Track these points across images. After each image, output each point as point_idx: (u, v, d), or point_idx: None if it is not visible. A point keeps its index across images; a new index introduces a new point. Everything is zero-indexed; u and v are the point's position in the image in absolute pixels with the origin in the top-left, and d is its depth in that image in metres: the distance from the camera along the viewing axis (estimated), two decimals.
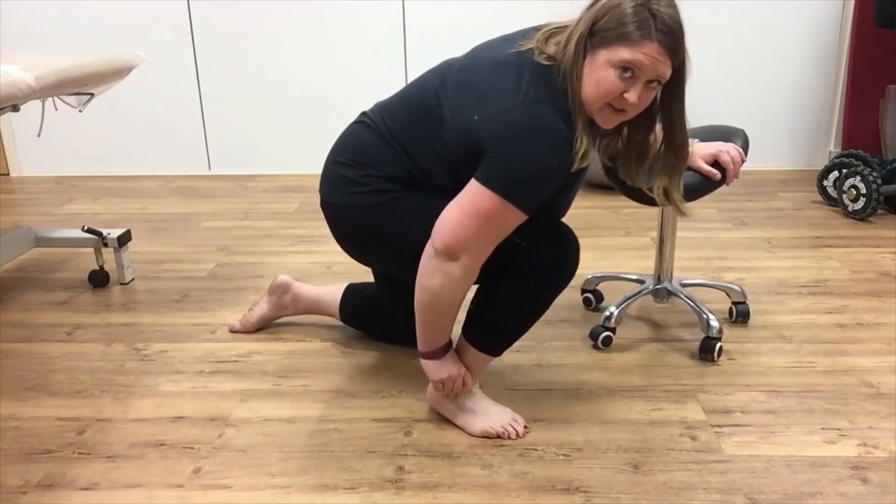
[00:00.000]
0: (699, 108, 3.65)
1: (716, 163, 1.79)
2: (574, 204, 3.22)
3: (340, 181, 1.61)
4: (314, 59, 3.72)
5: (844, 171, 3.02)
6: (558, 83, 1.40)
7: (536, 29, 1.49)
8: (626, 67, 1.35)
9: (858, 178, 2.94)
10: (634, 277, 2.20)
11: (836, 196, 3.11)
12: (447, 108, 1.47)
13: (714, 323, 1.92)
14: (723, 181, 1.79)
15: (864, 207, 2.94)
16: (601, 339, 1.97)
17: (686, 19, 1.39)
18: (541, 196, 1.40)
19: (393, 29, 3.65)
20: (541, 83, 1.39)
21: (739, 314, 2.14)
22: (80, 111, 2.34)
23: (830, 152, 3.73)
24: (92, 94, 2.28)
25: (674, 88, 1.45)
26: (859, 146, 3.52)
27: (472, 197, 1.38)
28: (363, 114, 1.66)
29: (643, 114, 1.47)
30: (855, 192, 2.96)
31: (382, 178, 1.56)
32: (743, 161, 1.80)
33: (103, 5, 3.66)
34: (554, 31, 1.45)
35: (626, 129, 1.56)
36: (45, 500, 1.43)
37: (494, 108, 1.39)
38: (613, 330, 1.98)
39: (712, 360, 1.92)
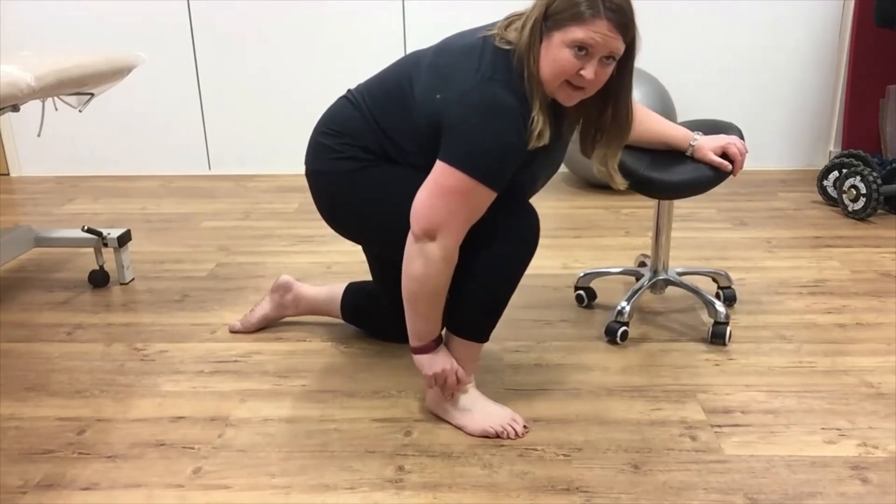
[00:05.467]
0: (699, 107, 3.66)
1: (723, 154, 1.86)
2: (574, 204, 3.25)
3: (319, 149, 1.70)
4: (314, 58, 3.72)
5: (844, 171, 3.02)
6: (515, 65, 1.46)
7: (505, 18, 1.55)
8: (580, 46, 1.41)
9: (858, 178, 2.94)
10: (619, 271, 2.28)
11: (836, 196, 3.11)
12: (418, 90, 1.55)
13: (721, 308, 1.98)
14: (731, 172, 1.86)
15: (864, 207, 2.94)
16: (619, 334, 1.99)
17: (686, 20, 1.41)
18: (502, 171, 1.46)
19: (393, 29, 3.65)
20: (499, 65, 1.46)
21: (727, 298, 2.22)
22: (80, 111, 2.34)
23: (830, 152, 3.73)
24: (92, 94, 2.28)
25: (624, 64, 1.51)
26: (859, 146, 3.52)
27: (438, 177, 1.45)
28: (348, 90, 1.74)
29: (601, 91, 1.53)
30: (855, 192, 2.96)
31: (357, 147, 1.64)
32: (746, 152, 1.88)
33: (103, 5, 3.66)
34: (514, 18, 1.53)
35: (584, 107, 1.61)
36: (45, 500, 1.43)
37: (454, 88, 1.47)
38: (628, 324, 2.01)
39: (723, 345, 1.97)
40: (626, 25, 1.41)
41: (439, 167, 1.46)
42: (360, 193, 1.65)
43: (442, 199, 1.44)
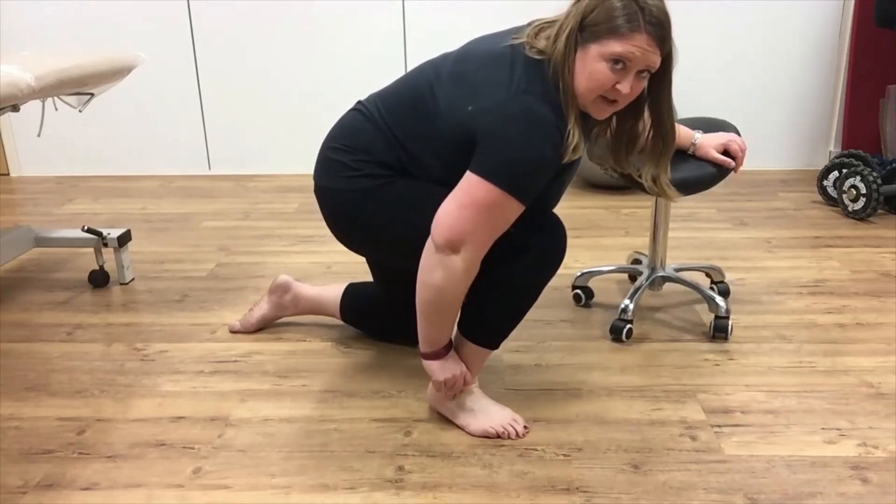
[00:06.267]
0: (699, 107, 3.66)
1: (724, 151, 1.88)
2: (574, 204, 3.25)
3: (333, 166, 1.65)
4: (314, 58, 3.72)
5: (844, 171, 3.02)
6: (549, 76, 1.43)
7: (529, 24, 1.52)
8: (617, 60, 1.38)
9: (858, 178, 2.94)
10: (615, 268, 2.31)
11: (836, 196, 3.11)
12: (441, 99, 1.50)
13: (721, 302, 2.00)
14: (733, 168, 1.88)
15: (864, 207, 2.94)
16: (625, 332, 2.00)
17: (686, 20, 1.40)
18: (536, 185, 1.43)
19: (393, 29, 3.65)
20: (532, 76, 1.42)
21: (721, 292, 2.25)
22: (80, 111, 2.34)
23: (830, 152, 3.73)
24: (92, 94, 2.28)
25: (662, 77, 1.49)
26: (859, 146, 3.52)
27: (469, 188, 1.41)
28: (359, 102, 1.69)
29: (632, 103, 1.51)
30: (855, 192, 2.96)
31: (374, 163, 1.59)
32: (746, 149, 1.90)
33: (103, 5, 3.66)
34: (543, 25, 1.48)
35: (615, 119, 1.59)
36: (45, 500, 1.43)
37: (487, 99, 1.42)
38: (632, 322, 2.02)
39: (725, 339, 2.00)
40: (664, 39, 1.39)
41: (471, 179, 1.41)
42: (378, 211, 1.60)
43: (471, 211, 1.40)
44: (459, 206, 1.41)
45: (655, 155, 1.61)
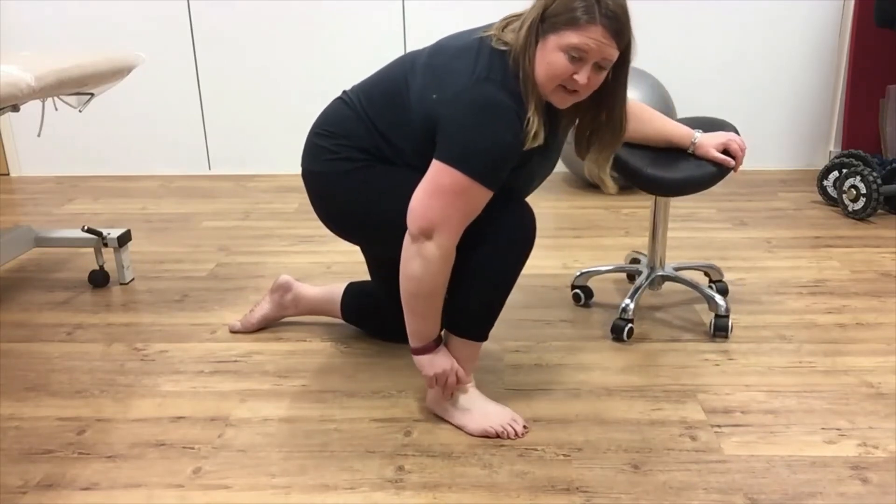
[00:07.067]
0: (699, 107, 3.66)
1: (724, 151, 1.89)
2: (574, 204, 3.25)
3: (317, 150, 1.70)
4: (314, 58, 3.72)
5: (844, 171, 3.02)
6: (511, 66, 1.47)
7: (502, 19, 1.56)
8: (574, 51, 1.42)
9: (858, 178, 2.94)
10: (614, 268, 2.31)
11: (836, 196, 3.11)
12: (414, 91, 1.55)
13: (721, 301, 2.01)
14: (733, 168, 1.89)
15: (864, 207, 2.94)
16: (626, 331, 2.00)
17: (686, 20, 1.41)
18: (499, 171, 1.46)
19: (393, 29, 3.65)
20: (494, 66, 1.47)
21: (719, 291, 2.25)
22: (80, 111, 2.34)
23: (830, 152, 3.73)
24: (92, 94, 2.28)
25: (618, 70, 1.53)
26: (859, 146, 3.52)
27: (435, 176, 1.46)
28: (343, 91, 1.74)
29: (594, 95, 1.54)
30: (855, 192, 2.96)
31: (353, 147, 1.64)
32: (745, 148, 1.91)
33: (103, 5, 3.66)
34: (512, 19, 1.54)
35: (579, 111, 1.62)
36: (45, 500, 1.43)
37: (449, 88, 1.48)
38: (633, 321, 2.02)
39: (726, 338, 2.01)
40: (620, 32, 1.43)
41: (435, 166, 1.46)
42: (357, 194, 1.65)
43: (438, 198, 1.44)
44: (427, 194, 1.45)
45: (603, 143, 1.64)
